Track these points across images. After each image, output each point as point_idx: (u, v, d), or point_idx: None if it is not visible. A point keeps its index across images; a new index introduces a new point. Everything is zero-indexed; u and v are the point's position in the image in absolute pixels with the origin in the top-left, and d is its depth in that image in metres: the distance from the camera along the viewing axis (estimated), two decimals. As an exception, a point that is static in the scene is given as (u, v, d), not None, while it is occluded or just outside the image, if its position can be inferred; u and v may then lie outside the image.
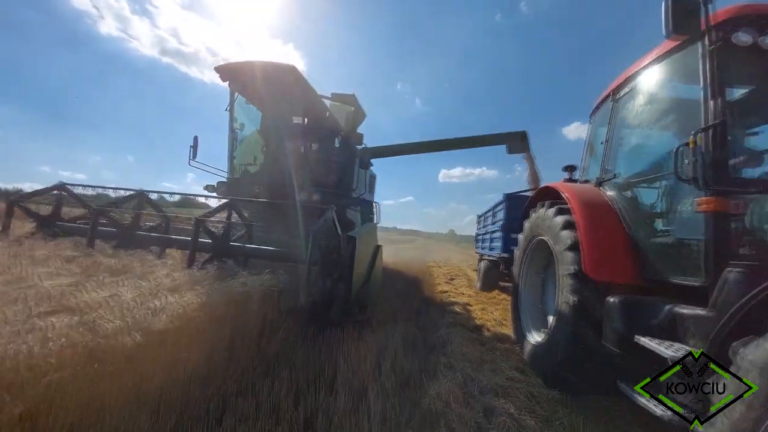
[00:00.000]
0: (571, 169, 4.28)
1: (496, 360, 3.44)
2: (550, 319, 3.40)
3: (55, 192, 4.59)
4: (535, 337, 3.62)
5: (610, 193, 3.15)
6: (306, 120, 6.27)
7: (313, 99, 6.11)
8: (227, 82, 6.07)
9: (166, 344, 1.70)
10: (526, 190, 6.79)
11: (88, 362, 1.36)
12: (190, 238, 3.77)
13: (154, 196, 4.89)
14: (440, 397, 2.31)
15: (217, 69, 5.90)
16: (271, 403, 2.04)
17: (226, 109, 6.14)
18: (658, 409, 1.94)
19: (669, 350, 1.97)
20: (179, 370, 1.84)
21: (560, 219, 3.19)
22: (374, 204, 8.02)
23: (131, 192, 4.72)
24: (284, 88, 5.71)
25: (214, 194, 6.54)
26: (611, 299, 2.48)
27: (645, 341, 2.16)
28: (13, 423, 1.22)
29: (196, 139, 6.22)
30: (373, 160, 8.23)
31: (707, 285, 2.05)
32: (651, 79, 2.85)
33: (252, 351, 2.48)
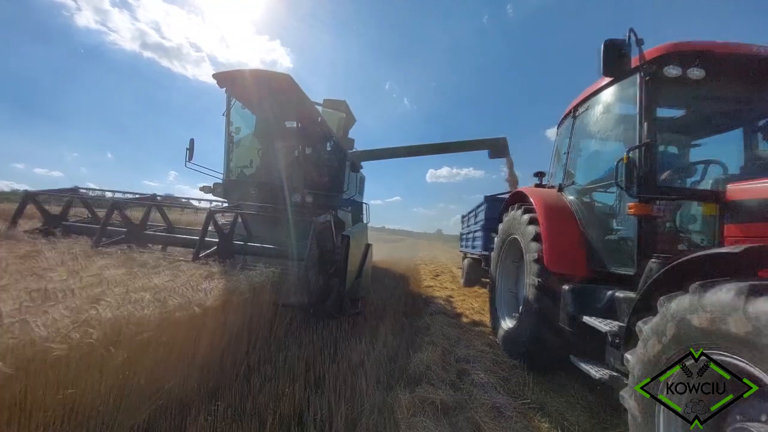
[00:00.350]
0: (540, 174, 4.77)
1: (471, 339, 4.05)
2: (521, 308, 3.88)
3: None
4: (507, 323, 4.10)
5: (569, 197, 3.64)
6: (300, 125, 6.62)
7: (307, 105, 6.45)
8: (224, 89, 6.39)
9: (210, 320, 2.10)
10: (504, 193, 7.29)
11: (158, 329, 1.74)
12: (195, 237, 4.14)
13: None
14: (423, 363, 2.85)
15: (215, 76, 6.19)
16: (288, 369, 2.49)
17: (223, 114, 6.45)
18: (596, 373, 2.42)
19: (605, 326, 2.45)
20: (218, 339, 2.25)
21: (531, 227, 3.62)
22: (364, 205, 8.42)
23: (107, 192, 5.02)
24: (279, 95, 6.04)
25: (210, 195, 6.79)
26: (565, 287, 2.96)
27: (589, 320, 2.64)
28: (117, 369, 1.62)
29: (192, 141, 6.49)
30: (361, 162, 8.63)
31: (637, 274, 2.53)
32: (603, 100, 3.34)
33: (266, 329, 2.92)
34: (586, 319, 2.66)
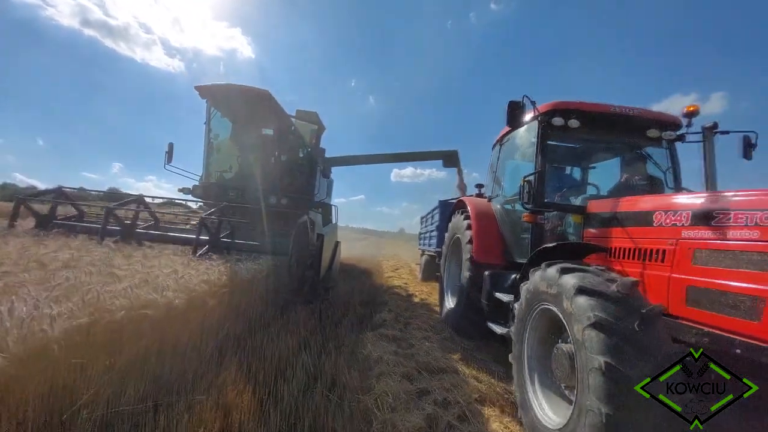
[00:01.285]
0: (480, 186, 5.93)
1: (416, 308, 5.70)
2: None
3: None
4: (450, 304, 5.19)
5: (496, 206, 4.77)
6: (276, 134, 7.34)
7: (283, 118, 7.20)
8: (205, 99, 6.97)
9: (245, 289, 2.96)
10: (454, 198, 8.46)
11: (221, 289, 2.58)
12: (188, 235, 4.84)
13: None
14: (382, 319, 4.30)
15: (198, 88, 6.76)
16: (291, 323, 3.65)
17: (204, 123, 7.03)
18: (499, 330, 3.50)
19: (506, 298, 3.54)
20: (248, 303, 3.14)
21: (465, 223, 4.74)
22: (333, 207, 9.27)
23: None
24: (258, 109, 6.74)
25: (189, 196, 7.30)
26: (486, 273, 4.05)
27: (499, 295, 3.73)
28: (205, 312, 2.53)
29: (171, 145, 7.04)
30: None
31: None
32: (518, 135, 4.48)
33: (272, 300, 3.89)
34: (497, 294, 3.76)
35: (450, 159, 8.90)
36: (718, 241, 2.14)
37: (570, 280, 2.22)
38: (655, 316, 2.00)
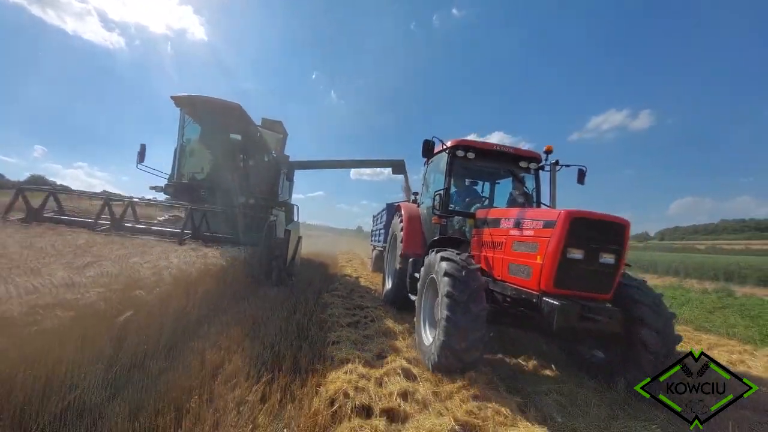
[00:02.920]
0: (416, 194, 7.48)
1: (359, 284, 7.50)
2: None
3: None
4: (388, 286, 6.70)
5: (423, 210, 6.33)
6: (244, 141, 8.35)
7: (251, 127, 8.25)
8: (180, 108, 7.83)
9: (236, 267, 4.19)
10: (398, 201, 10.00)
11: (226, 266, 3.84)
12: (173, 229, 5.88)
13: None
14: (335, 287, 5.80)
15: (174, 98, 7.61)
16: (272, 294, 4.81)
17: (178, 130, 7.88)
18: (413, 297, 5.02)
19: (417, 274, 5.06)
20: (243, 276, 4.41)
21: (400, 225, 6.25)
22: (294, 206, 10.42)
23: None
24: (229, 119, 7.74)
25: (161, 193, 8.10)
26: (410, 260, 5.58)
27: (415, 275, 5.26)
28: (211, 283, 3.77)
29: (143, 146, 7.84)
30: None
31: (437, 251, 5.22)
32: (437, 160, 6.05)
33: (247, 279, 5.12)
34: (415, 274, 5.29)
35: (397, 167, 10.39)
36: (520, 236, 3.80)
37: (442, 264, 3.73)
38: (477, 289, 3.50)
